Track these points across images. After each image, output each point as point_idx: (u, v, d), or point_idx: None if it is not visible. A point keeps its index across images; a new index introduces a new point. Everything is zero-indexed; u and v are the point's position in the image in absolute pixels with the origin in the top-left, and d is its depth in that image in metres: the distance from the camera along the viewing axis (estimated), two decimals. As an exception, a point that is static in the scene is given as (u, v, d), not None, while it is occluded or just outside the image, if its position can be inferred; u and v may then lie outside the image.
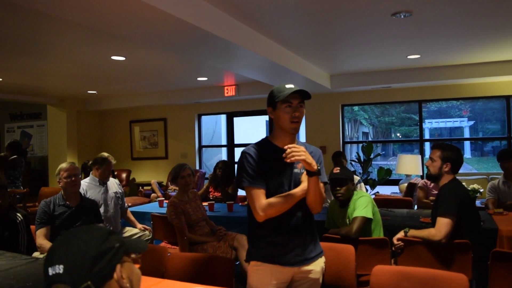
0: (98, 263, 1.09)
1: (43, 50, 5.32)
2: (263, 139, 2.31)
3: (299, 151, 2.01)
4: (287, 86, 2.14)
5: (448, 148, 3.23)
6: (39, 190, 7.50)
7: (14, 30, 4.41)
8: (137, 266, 1.22)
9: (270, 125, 9.45)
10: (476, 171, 11.98)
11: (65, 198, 3.81)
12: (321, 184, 2.20)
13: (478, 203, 5.45)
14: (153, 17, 3.34)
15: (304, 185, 2.15)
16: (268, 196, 2.15)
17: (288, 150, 2.02)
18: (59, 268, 1.07)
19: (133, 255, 1.22)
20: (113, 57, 5.71)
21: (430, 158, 3.27)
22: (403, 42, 5.36)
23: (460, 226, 3.02)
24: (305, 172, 2.15)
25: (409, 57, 6.23)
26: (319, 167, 2.08)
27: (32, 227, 3.78)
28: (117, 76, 7.17)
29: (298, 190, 2.16)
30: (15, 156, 7.40)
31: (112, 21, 3.46)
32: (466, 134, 15.71)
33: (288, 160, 2.02)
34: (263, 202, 2.12)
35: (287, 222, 2.19)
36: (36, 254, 3.58)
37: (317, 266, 2.27)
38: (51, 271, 1.08)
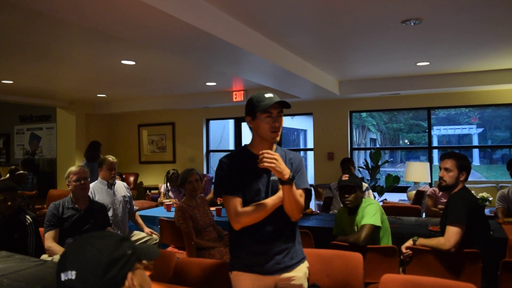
0: (110, 270, 1.09)
1: (54, 54, 5.37)
2: (241, 147, 2.32)
3: (271, 158, 2.01)
4: (266, 95, 2.15)
5: (461, 157, 3.20)
6: (47, 192, 7.57)
7: (27, 34, 4.46)
8: (148, 273, 1.23)
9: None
10: (485, 179, 11.90)
11: (74, 201, 3.83)
12: (300, 191, 2.19)
13: (487, 211, 5.41)
14: (163, 22, 3.36)
15: (280, 193, 2.13)
16: (245, 204, 2.15)
17: (261, 156, 2.03)
18: (72, 274, 1.08)
19: (144, 261, 1.22)
20: (123, 62, 5.75)
21: (445, 168, 3.20)
22: (412, 49, 5.35)
23: (470, 235, 2.99)
24: None
25: (418, 64, 6.21)
26: (291, 176, 2.06)
27: (41, 229, 3.80)
28: (126, 80, 7.22)
29: (274, 198, 2.15)
30: (21, 172, 7.59)
31: (122, 26, 3.49)
32: (475, 142, 15.61)
33: (260, 166, 2.03)
34: (238, 211, 2.12)
35: (265, 231, 2.18)
36: (44, 256, 3.59)
37: (299, 272, 2.26)
38: (63, 277, 1.09)
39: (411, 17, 4.00)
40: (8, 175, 7.68)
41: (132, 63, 5.82)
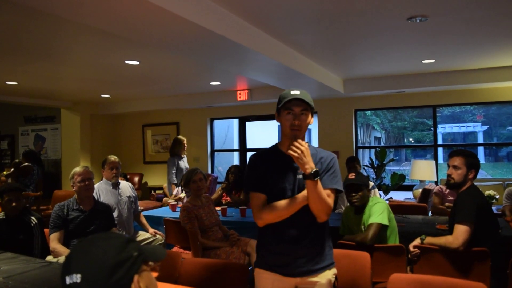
0: (116, 273, 1.07)
1: (58, 54, 5.37)
2: (272, 145, 2.30)
3: (298, 147, 2.00)
4: (292, 92, 2.10)
5: (470, 155, 3.17)
6: (52, 193, 7.57)
7: (31, 35, 4.45)
8: (154, 274, 1.20)
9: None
10: (491, 177, 11.83)
11: (79, 202, 3.82)
12: (328, 191, 2.10)
13: (494, 209, 5.36)
14: (167, 21, 3.34)
15: (303, 192, 2.08)
16: (270, 202, 2.12)
17: (291, 144, 2.03)
18: (77, 277, 1.05)
19: (151, 263, 1.20)
20: (127, 61, 5.73)
21: (453, 166, 3.17)
22: (418, 47, 5.31)
23: (479, 233, 2.96)
24: None
25: (423, 61, 6.17)
26: (313, 171, 1.98)
27: (46, 230, 3.80)
28: (130, 80, 7.21)
29: (299, 196, 2.09)
30: (26, 164, 7.60)
31: (127, 25, 3.47)
32: (480, 139, 15.54)
33: (287, 152, 2.03)
34: (260, 207, 2.11)
35: (289, 232, 2.14)
36: (49, 258, 3.59)
37: (323, 279, 2.17)
38: (68, 280, 1.06)
39: (417, 14, 3.97)
40: (12, 169, 7.66)
41: (136, 63, 5.81)
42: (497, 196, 5.22)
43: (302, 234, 2.15)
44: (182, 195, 5.95)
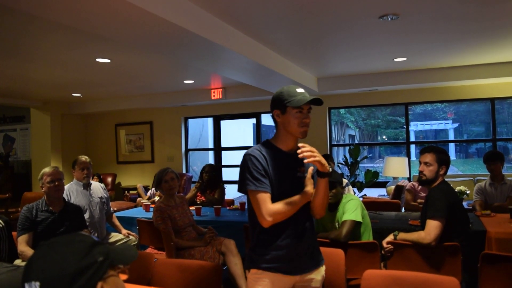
0: (77, 281, 1.01)
1: (26, 52, 5.22)
2: (265, 142, 2.22)
3: (314, 151, 2.03)
4: (298, 90, 2.11)
5: (441, 151, 3.21)
6: (22, 195, 7.37)
7: (-4, 32, 4.32)
8: (124, 277, 1.14)
9: (257, 128, 9.41)
10: (461, 173, 12.10)
11: (48, 203, 3.72)
12: None
13: (464, 204, 5.48)
14: (139, 18, 3.28)
15: (308, 188, 2.10)
16: (272, 200, 2.08)
17: (304, 149, 2.02)
18: (35, 285, 1.00)
19: (120, 266, 1.14)
20: (98, 59, 5.62)
21: (424, 162, 3.21)
22: (390, 45, 5.37)
23: (450, 228, 3.00)
24: (308, 176, 2.12)
25: (395, 59, 6.25)
26: (330, 169, 2.07)
27: (14, 233, 3.68)
28: (102, 78, 7.07)
29: (302, 195, 2.09)
30: None
31: (97, 22, 3.39)
32: (451, 136, 15.89)
33: (306, 161, 2.01)
34: (270, 207, 2.03)
35: (292, 228, 2.13)
36: (17, 261, 3.48)
37: (318, 275, 2.21)
38: (27, 287, 1.02)
39: (389, 12, 4.01)
40: None
41: (107, 61, 5.70)
42: (468, 192, 5.31)
43: (302, 230, 2.16)
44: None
